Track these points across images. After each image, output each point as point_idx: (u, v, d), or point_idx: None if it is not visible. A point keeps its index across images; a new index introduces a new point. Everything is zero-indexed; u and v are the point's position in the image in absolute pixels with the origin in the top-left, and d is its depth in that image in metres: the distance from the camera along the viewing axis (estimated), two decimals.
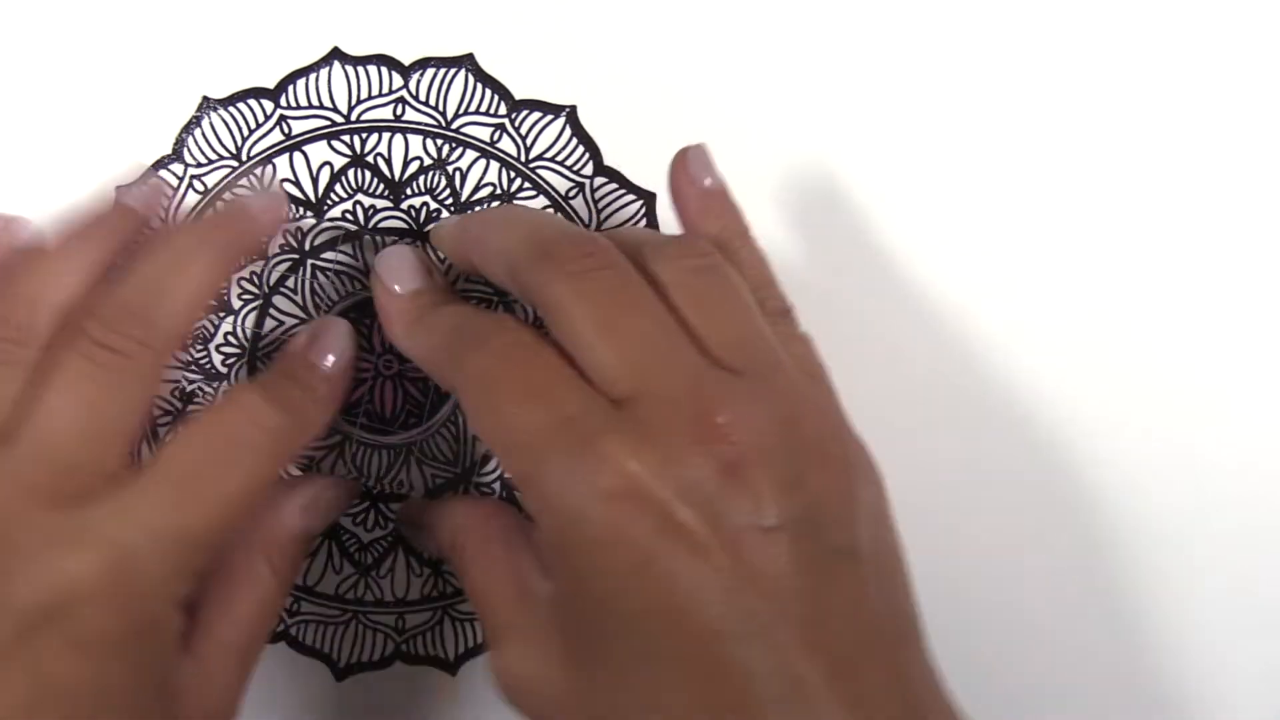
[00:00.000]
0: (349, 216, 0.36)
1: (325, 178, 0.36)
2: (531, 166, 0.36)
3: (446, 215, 0.35)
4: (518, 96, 0.36)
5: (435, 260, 0.35)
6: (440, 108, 0.36)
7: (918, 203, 0.36)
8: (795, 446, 0.26)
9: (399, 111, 0.36)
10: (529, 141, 0.36)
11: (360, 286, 0.36)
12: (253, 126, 0.36)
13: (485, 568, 0.29)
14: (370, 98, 0.36)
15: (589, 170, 0.36)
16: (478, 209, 0.35)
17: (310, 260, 0.36)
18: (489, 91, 0.36)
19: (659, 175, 0.35)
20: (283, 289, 0.36)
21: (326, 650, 0.36)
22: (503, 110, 0.36)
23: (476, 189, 0.36)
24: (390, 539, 0.36)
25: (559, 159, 0.36)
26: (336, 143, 0.36)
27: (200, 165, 0.36)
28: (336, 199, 0.36)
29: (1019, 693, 0.36)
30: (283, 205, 0.34)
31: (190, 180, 0.36)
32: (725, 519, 0.25)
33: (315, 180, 0.36)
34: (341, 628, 0.36)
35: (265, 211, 0.32)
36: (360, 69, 0.35)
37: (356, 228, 0.36)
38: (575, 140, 0.36)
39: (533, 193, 0.36)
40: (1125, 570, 0.36)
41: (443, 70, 0.35)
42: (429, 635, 0.36)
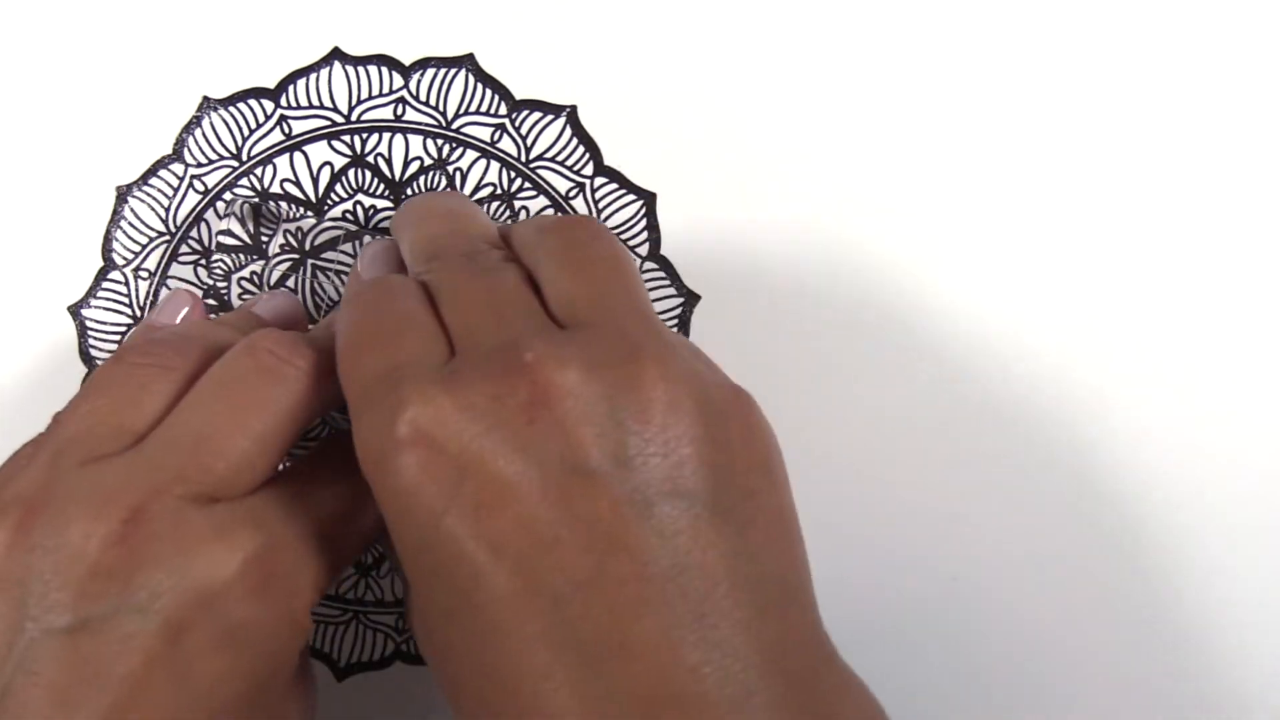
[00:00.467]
0: (349, 216, 0.36)
1: (325, 178, 0.36)
2: (532, 166, 0.36)
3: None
4: (518, 96, 0.36)
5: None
6: (441, 108, 0.36)
7: (918, 202, 0.36)
8: (619, 388, 0.24)
9: (399, 111, 0.36)
10: (529, 141, 0.36)
11: None
12: (253, 126, 0.36)
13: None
14: (370, 98, 0.36)
15: (589, 170, 0.36)
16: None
17: (311, 260, 0.36)
18: (489, 91, 0.36)
19: (659, 175, 0.36)
20: (284, 289, 0.36)
21: (326, 650, 0.36)
22: (503, 110, 0.36)
23: (477, 189, 0.36)
24: None
25: (559, 159, 0.36)
26: (337, 143, 0.36)
27: (200, 165, 0.36)
28: (337, 199, 0.36)
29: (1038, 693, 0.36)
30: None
31: (190, 180, 0.36)
32: (531, 461, 0.23)
33: (315, 180, 0.36)
34: (341, 628, 0.36)
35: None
36: (360, 69, 0.35)
37: (357, 228, 0.36)
38: (575, 140, 0.36)
39: (533, 193, 0.36)
40: (1153, 569, 0.36)
41: (443, 70, 0.36)
42: None
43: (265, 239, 0.36)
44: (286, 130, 0.36)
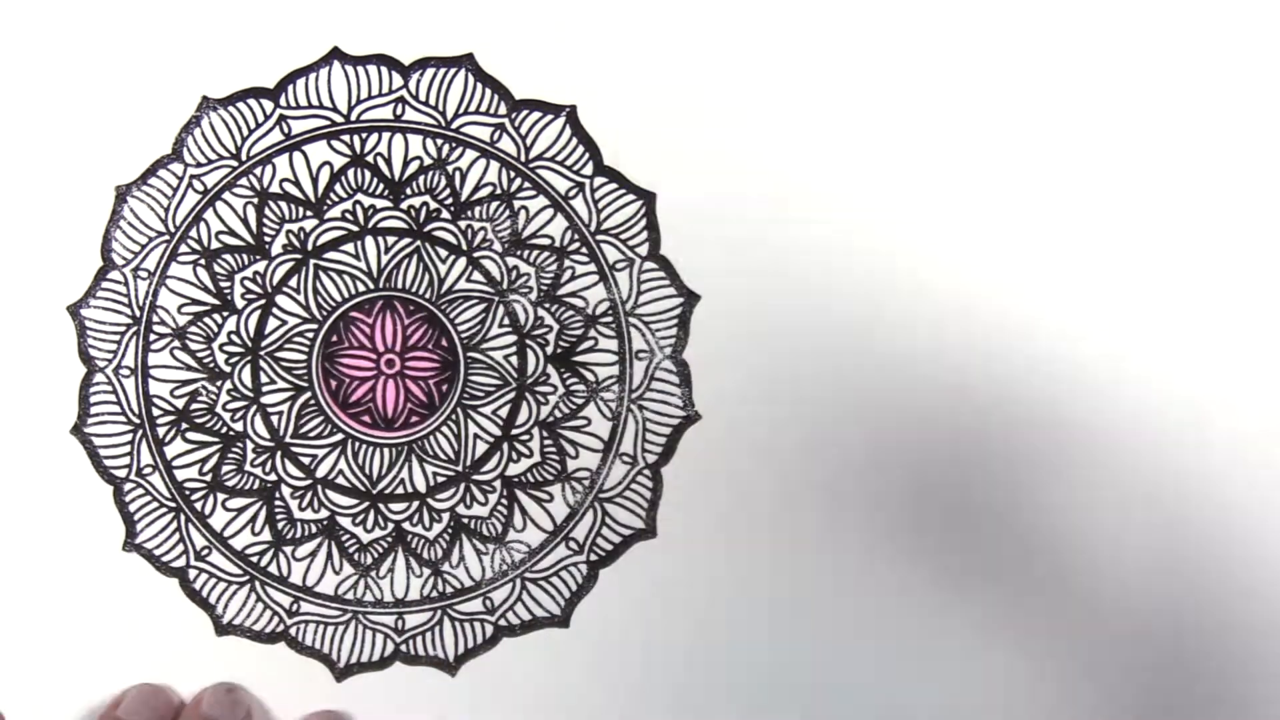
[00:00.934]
0: (349, 216, 0.36)
1: (325, 177, 0.36)
2: (531, 166, 0.36)
3: (447, 215, 0.36)
4: (518, 96, 0.36)
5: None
6: (440, 107, 0.36)
7: (919, 201, 0.36)
8: None
9: (399, 111, 0.36)
10: (529, 141, 0.36)
11: (362, 286, 0.36)
12: (252, 126, 0.36)
13: None
14: (370, 97, 0.36)
15: (589, 170, 0.36)
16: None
17: (312, 260, 0.36)
18: (489, 91, 0.36)
19: (659, 175, 0.36)
20: (285, 289, 0.36)
21: (326, 650, 0.36)
22: (503, 110, 0.36)
23: (476, 189, 0.36)
24: (390, 539, 0.36)
25: (559, 159, 0.36)
26: (336, 142, 0.36)
27: (200, 165, 0.36)
28: (336, 199, 0.36)
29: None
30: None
31: (190, 180, 0.36)
32: None
33: (315, 180, 0.36)
34: (341, 628, 0.36)
35: None
36: (360, 69, 0.36)
37: (357, 228, 0.36)
38: (575, 140, 0.36)
39: (533, 192, 0.36)
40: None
41: (443, 70, 0.36)
42: (429, 635, 0.36)
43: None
44: (286, 130, 0.36)
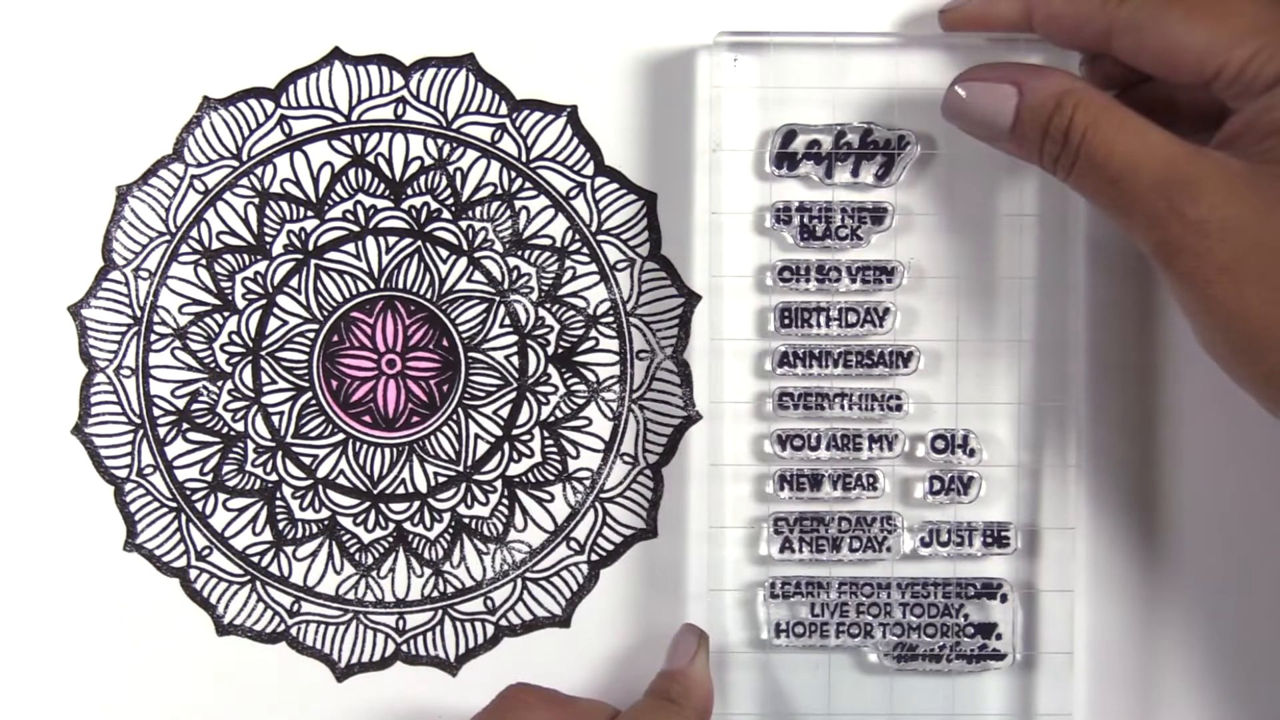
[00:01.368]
0: (350, 216, 0.36)
1: (326, 177, 0.36)
2: (532, 166, 0.36)
3: (448, 215, 0.36)
4: (518, 96, 0.36)
5: None
6: (441, 107, 0.36)
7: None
8: None
9: (400, 111, 0.36)
10: (530, 141, 0.36)
11: (363, 286, 0.36)
12: (253, 126, 0.36)
13: (1133, 131, 0.29)
14: (371, 97, 0.36)
15: (590, 170, 0.36)
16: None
17: (313, 260, 0.36)
18: (490, 91, 0.36)
19: (659, 175, 0.36)
20: (286, 289, 0.36)
21: (327, 650, 0.36)
22: (503, 110, 0.36)
23: (477, 189, 0.36)
24: (391, 539, 0.36)
25: (560, 159, 0.36)
26: (337, 142, 0.36)
27: (201, 165, 0.36)
28: (337, 199, 0.36)
29: None
30: None
31: (191, 180, 0.36)
32: None
33: (316, 180, 0.36)
34: (342, 628, 0.36)
35: None
36: (361, 69, 0.36)
37: (358, 228, 0.36)
38: (576, 140, 0.36)
39: (533, 192, 0.36)
40: None
41: (443, 70, 0.36)
42: (429, 635, 0.36)
43: (269, 240, 0.36)
44: (287, 130, 0.36)
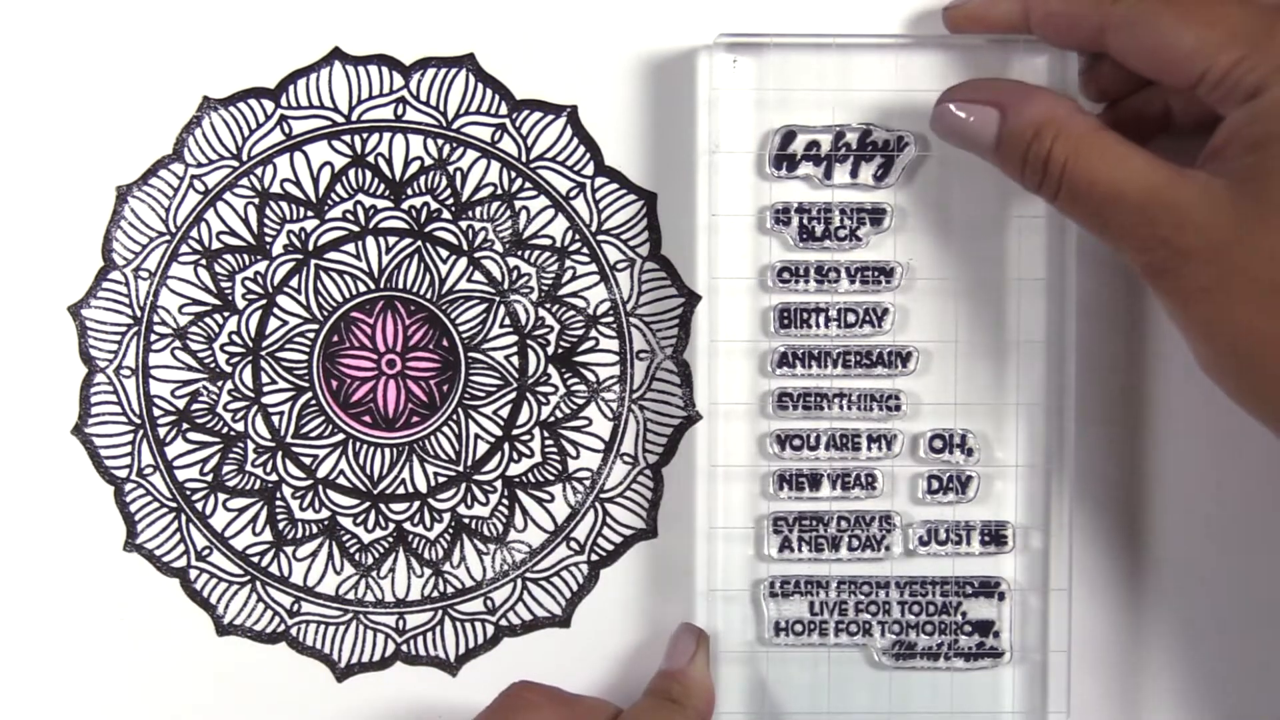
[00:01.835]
0: (350, 216, 0.36)
1: (326, 177, 0.36)
2: (532, 166, 0.36)
3: (448, 215, 0.36)
4: (518, 96, 0.36)
5: None
6: (441, 107, 0.36)
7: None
8: None
9: (400, 111, 0.36)
10: (530, 141, 0.36)
11: (363, 286, 0.36)
12: (253, 126, 0.36)
13: (1114, 160, 0.29)
14: (371, 97, 0.36)
15: (590, 170, 0.36)
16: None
17: (313, 260, 0.36)
18: (490, 91, 0.36)
19: (659, 175, 0.36)
20: (286, 289, 0.36)
21: (327, 650, 0.36)
22: (503, 110, 0.36)
23: (477, 189, 0.36)
24: (391, 539, 0.36)
25: (560, 159, 0.36)
26: (337, 142, 0.36)
27: (201, 165, 0.36)
28: (337, 199, 0.36)
29: None
30: None
31: (191, 180, 0.36)
32: None
33: (316, 180, 0.36)
34: (342, 628, 0.36)
35: None
36: (361, 69, 0.36)
37: (358, 228, 0.36)
38: (576, 140, 0.36)
39: (534, 192, 0.36)
40: None
41: (443, 70, 0.36)
42: (429, 635, 0.37)
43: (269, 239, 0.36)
44: (287, 130, 0.36)
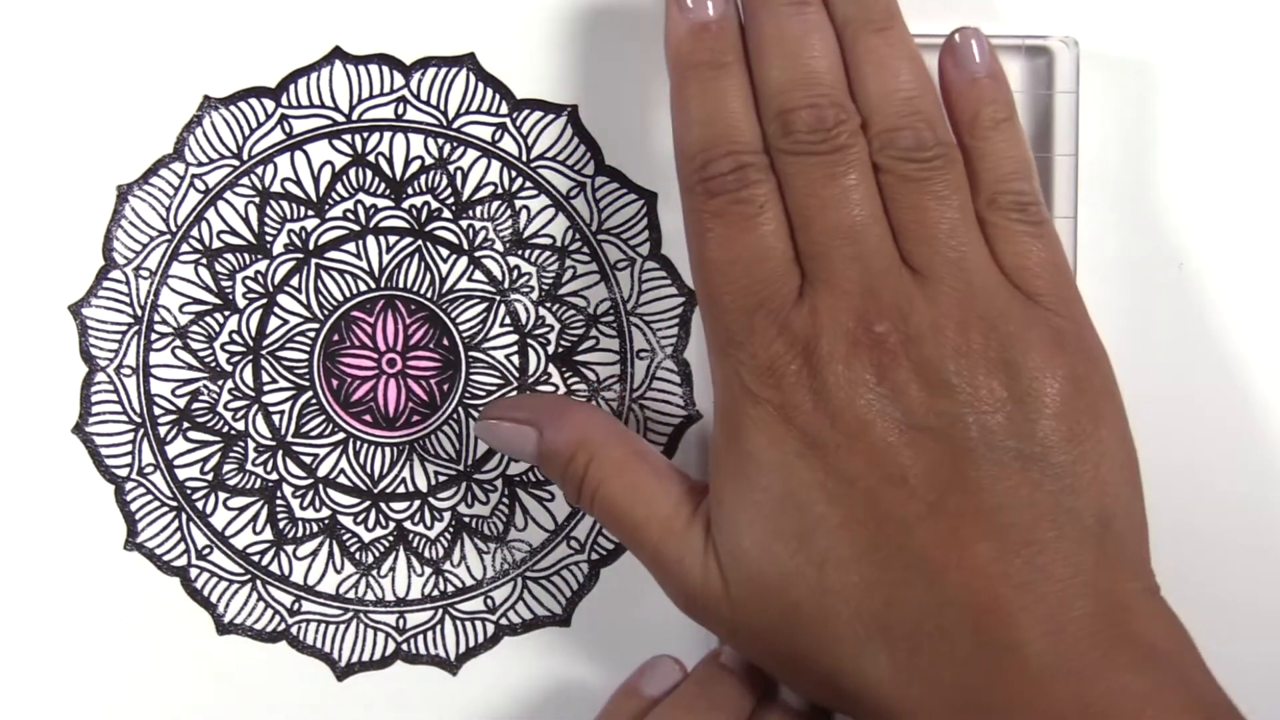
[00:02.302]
0: (350, 216, 0.36)
1: (326, 177, 0.36)
2: (533, 166, 0.36)
3: (449, 215, 0.36)
4: (519, 96, 0.36)
5: None
6: (441, 107, 0.36)
7: None
8: (954, 351, 0.27)
9: (400, 111, 0.36)
10: (530, 141, 0.36)
11: (364, 286, 0.36)
12: (254, 125, 0.36)
13: (640, 499, 0.30)
14: (371, 97, 0.36)
15: (590, 170, 0.36)
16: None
17: (314, 259, 0.36)
18: (490, 91, 0.36)
19: (660, 175, 0.36)
20: (287, 288, 0.36)
21: (327, 650, 0.36)
22: (504, 109, 0.36)
23: (478, 188, 0.36)
24: (391, 538, 0.36)
25: (560, 158, 0.36)
26: (338, 142, 0.36)
27: (201, 164, 0.36)
28: (338, 198, 0.36)
29: None
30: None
31: (191, 179, 0.36)
32: (865, 419, 0.27)
33: (316, 180, 0.36)
34: (342, 627, 0.36)
35: None
36: (361, 68, 0.36)
37: (359, 227, 0.36)
38: (576, 140, 0.36)
39: (534, 192, 0.36)
40: None
41: (444, 69, 0.36)
42: (429, 635, 0.37)
43: (270, 239, 0.36)
44: (287, 129, 0.36)
